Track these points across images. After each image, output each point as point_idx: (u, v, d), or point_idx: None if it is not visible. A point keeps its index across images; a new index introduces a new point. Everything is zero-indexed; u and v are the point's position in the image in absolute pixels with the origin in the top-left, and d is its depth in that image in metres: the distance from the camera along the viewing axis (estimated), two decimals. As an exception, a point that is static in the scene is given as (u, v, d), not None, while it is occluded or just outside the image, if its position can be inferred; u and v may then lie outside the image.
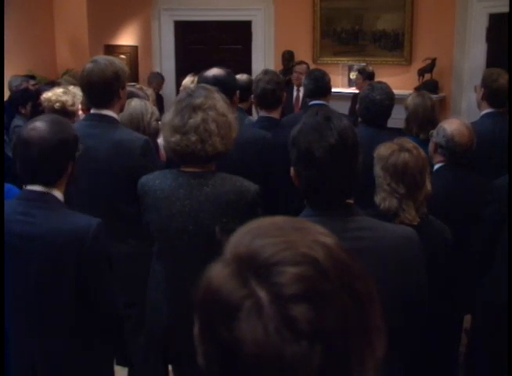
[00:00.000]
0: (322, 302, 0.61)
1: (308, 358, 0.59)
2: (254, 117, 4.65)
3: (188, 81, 3.87)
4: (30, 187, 1.94)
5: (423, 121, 3.25)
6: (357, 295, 0.64)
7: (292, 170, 1.56)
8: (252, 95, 3.38)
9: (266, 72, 3.42)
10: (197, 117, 2.02)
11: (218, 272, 0.65)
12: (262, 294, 0.60)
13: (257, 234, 0.67)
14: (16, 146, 1.94)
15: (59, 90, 3.60)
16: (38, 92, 4.19)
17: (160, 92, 7.31)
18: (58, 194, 1.95)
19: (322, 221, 1.40)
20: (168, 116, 2.09)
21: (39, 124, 1.89)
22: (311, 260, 0.63)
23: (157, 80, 7.40)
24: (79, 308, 1.92)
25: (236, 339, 0.60)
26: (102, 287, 1.96)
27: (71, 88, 3.67)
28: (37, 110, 3.98)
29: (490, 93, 3.39)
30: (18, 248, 1.87)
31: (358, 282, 0.66)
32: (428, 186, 2.17)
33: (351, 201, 1.55)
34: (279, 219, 0.71)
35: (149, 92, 4.09)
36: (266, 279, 0.61)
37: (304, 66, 6.49)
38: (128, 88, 3.52)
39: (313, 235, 0.68)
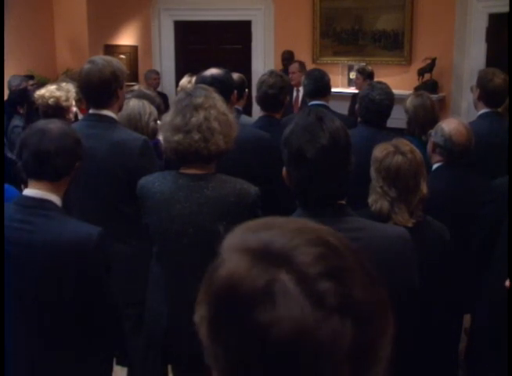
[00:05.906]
0: (345, 277, 0.63)
1: (341, 333, 0.61)
2: (254, 116, 4.66)
3: (185, 81, 3.84)
4: (28, 192, 1.90)
5: (425, 121, 3.22)
6: (368, 271, 0.67)
7: (284, 170, 1.56)
8: (255, 96, 3.38)
9: (271, 74, 3.34)
10: (199, 116, 2.02)
11: (236, 265, 0.64)
12: (286, 277, 0.62)
13: (258, 229, 0.68)
14: (28, 138, 1.90)
15: (52, 87, 3.59)
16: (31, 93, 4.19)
17: (159, 89, 7.28)
18: (57, 200, 1.91)
19: (313, 221, 1.39)
20: (168, 116, 2.09)
21: (54, 122, 1.97)
22: (323, 242, 0.66)
23: (153, 76, 7.39)
24: (79, 312, 1.89)
25: (270, 325, 0.60)
26: (103, 292, 1.93)
27: (64, 84, 3.65)
28: (31, 109, 3.97)
29: (486, 93, 3.38)
30: (15, 256, 1.83)
31: (364, 259, 0.68)
32: (424, 189, 2.14)
33: (342, 202, 1.55)
34: (270, 218, 0.72)
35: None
36: (287, 263, 0.63)
37: (296, 64, 6.45)
38: (144, 90, 3.53)
39: (311, 224, 0.70)
